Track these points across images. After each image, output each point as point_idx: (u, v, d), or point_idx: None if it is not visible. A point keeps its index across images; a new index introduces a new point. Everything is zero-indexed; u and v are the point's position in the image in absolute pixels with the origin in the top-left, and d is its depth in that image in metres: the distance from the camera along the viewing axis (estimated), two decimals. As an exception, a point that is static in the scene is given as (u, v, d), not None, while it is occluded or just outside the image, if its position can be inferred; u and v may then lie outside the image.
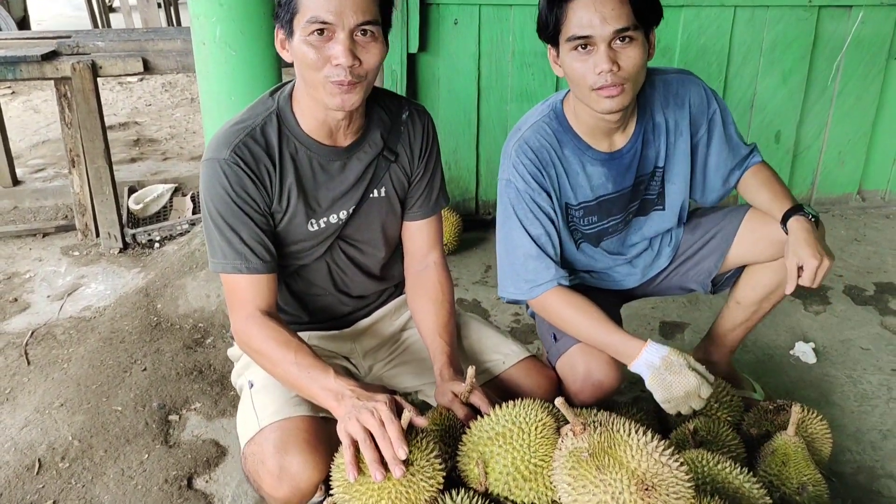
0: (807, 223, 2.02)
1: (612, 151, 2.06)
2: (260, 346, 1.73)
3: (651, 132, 2.08)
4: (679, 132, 2.10)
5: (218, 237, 1.74)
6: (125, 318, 3.20)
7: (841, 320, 3.18)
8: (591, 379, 2.05)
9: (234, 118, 1.79)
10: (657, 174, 2.15)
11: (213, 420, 2.59)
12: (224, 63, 2.99)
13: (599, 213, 2.13)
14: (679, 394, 1.87)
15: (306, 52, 1.61)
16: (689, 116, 2.09)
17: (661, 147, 2.11)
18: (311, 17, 1.58)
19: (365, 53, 1.62)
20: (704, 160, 2.18)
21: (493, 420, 1.63)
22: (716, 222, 2.29)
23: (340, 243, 1.93)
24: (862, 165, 4.28)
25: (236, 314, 1.77)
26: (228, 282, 1.77)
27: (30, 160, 5.31)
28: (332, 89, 1.63)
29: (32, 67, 3.59)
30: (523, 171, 2.01)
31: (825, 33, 3.93)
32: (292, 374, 1.67)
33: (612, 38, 1.80)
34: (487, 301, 3.36)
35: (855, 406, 2.63)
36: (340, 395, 1.60)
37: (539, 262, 2.03)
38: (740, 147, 2.19)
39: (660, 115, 2.08)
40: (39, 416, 2.61)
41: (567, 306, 2.03)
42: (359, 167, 1.84)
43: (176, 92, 7.09)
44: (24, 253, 3.90)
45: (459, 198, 4.09)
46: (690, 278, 2.36)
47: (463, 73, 3.82)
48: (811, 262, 1.94)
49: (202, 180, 1.75)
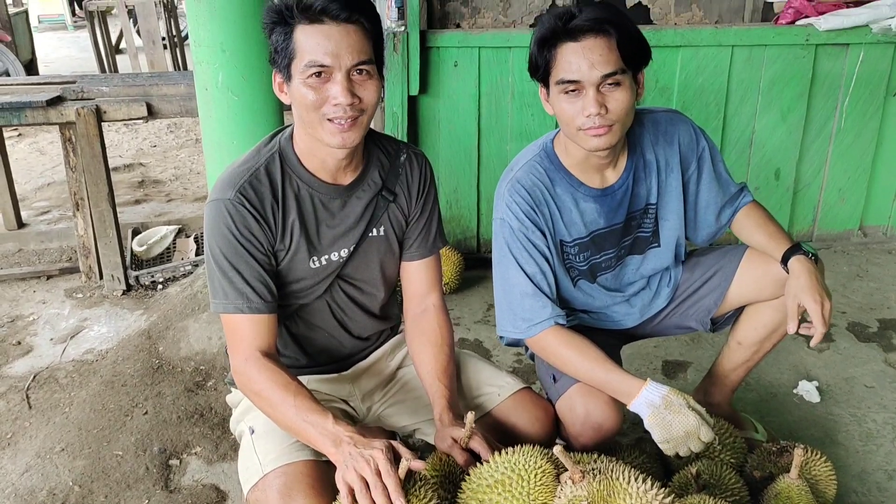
0: (808, 263, 2.03)
1: (604, 188, 2.08)
2: (259, 388, 1.73)
3: (642, 169, 2.11)
4: (670, 169, 2.13)
5: (220, 277, 1.76)
6: (127, 361, 3.20)
7: (844, 358, 3.16)
8: (590, 420, 2.03)
9: (238, 160, 1.83)
10: (650, 211, 2.17)
11: (213, 464, 2.58)
12: (226, 108, 3.03)
13: (593, 248, 2.14)
14: (679, 433, 1.85)
15: (305, 93, 1.65)
16: (679, 154, 2.12)
17: (653, 184, 2.13)
18: (308, 62, 1.63)
19: (363, 91, 1.68)
20: (695, 197, 2.20)
21: (492, 467, 1.62)
22: (715, 261, 2.30)
23: (340, 282, 1.94)
24: (863, 202, 4.29)
25: (236, 355, 1.78)
26: (229, 322, 1.78)
27: (35, 202, 5.35)
28: (332, 128, 1.68)
29: (37, 113, 3.63)
30: (517, 210, 2.03)
31: (823, 71, 3.97)
32: (290, 418, 1.68)
33: (599, 82, 1.84)
34: (489, 341, 3.35)
35: (860, 445, 2.61)
36: (338, 440, 1.60)
37: (535, 300, 2.03)
38: (730, 184, 2.21)
39: (650, 153, 2.11)
40: (40, 462, 2.60)
41: (565, 345, 2.02)
42: (359, 206, 1.88)
43: (181, 133, 7.16)
44: (28, 295, 3.91)
45: (461, 236, 4.10)
46: (690, 317, 2.36)
47: (463, 114, 3.85)
48: (812, 305, 1.95)
49: (206, 221, 1.78)
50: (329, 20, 1.63)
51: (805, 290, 1.97)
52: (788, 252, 2.07)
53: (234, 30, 2.91)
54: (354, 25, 1.65)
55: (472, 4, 4.07)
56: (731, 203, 2.22)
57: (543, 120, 3.89)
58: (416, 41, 3.60)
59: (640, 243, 2.22)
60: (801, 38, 3.86)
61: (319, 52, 1.63)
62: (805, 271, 2.00)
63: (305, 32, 1.64)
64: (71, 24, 13.87)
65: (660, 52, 3.82)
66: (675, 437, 1.85)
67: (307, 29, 1.64)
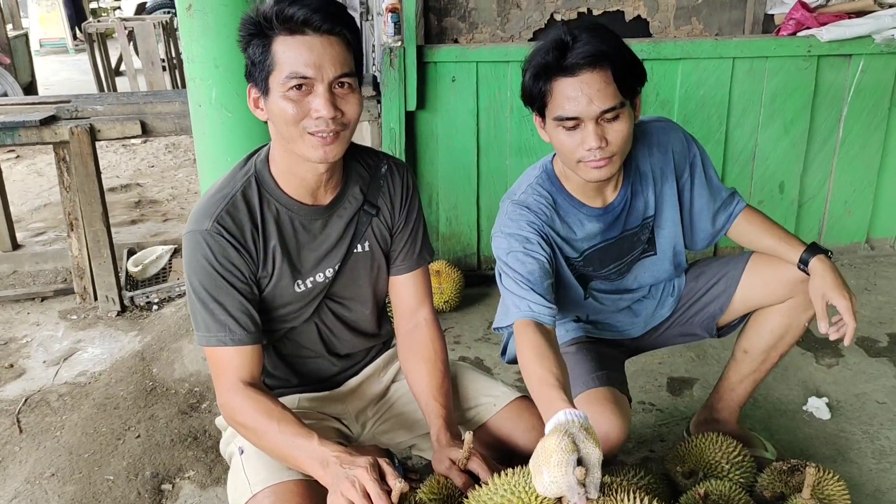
0: (830, 262, 2.04)
1: (605, 206, 2.07)
2: (244, 419, 1.70)
3: (639, 182, 2.09)
4: (665, 178, 2.11)
5: (201, 310, 1.70)
6: (120, 384, 3.13)
7: (855, 373, 3.09)
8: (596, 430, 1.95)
9: (213, 188, 1.77)
10: (648, 223, 2.14)
11: (206, 489, 2.51)
12: (220, 124, 2.98)
13: (595, 262, 2.13)
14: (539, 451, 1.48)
15: (285, 107, 1.60)
16: (673, 162, 2.11)
17: (650, 196, 2.11)
18: (289, 73, 1.58)
19: (345, 104, 1.63)
20: (690, 204, 2.17)
21: (491, 489, 1.56)
22: (719, 269, 2.28)
23: (328, 302, 1.90)
24: (869, 214, 4.23)
25: (221, 387, 1.74)
26: (212, 355, 1.74)
27: (31, 223, 5.30)
28: (314, 142, 1.63)
29: (31, 132, 3.59)
30: (519, 220, 2.00)
31: (825, 82, 3.92)
32: (277, 444, 1.64)
33: (599, 116, 1.80)
34: (490, 359, 3.29)
35: (873, 463, 2.54)
36: (325, 462, 1.58)
37: (525, 294, 1.90)
38: (720, 189, 2.19)
39: (645, 165, 2.08)
40: (30, 487, 2.54)
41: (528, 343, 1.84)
42: (340, 224, 1.83)
43: (179, 153, 7.12)
44: (21, 317, 3.85)
45: (461, 254, 4.04)
46: (695, 324, 2.33)
47: (462, 129, 3.81)
48: (843, 302, 1.97)
49: (185, 253, 1.73)
50: (311, 31, 1.58)
51: (833, 287, 1.98)
52: (806, 253, 2.06)
53: (227, 46, 2.86)
54: (336, 37, 1.61)
55: (470, 20, 4.04)
56: (725, 208, 2.19)
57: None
58: (412, 56, 3.57)
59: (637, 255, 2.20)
60: (803, 50, 3.82)
61: (300, 63, 1.57)
62: (829, 270, 2.01)
63: (286, 44, 1.58)
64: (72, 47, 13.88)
65: (660, 65, 3.78)
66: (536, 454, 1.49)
67: (287, 40, 1.58)
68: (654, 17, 4.12)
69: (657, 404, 2.90)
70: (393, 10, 3.47)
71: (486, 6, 4.02)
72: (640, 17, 4.12)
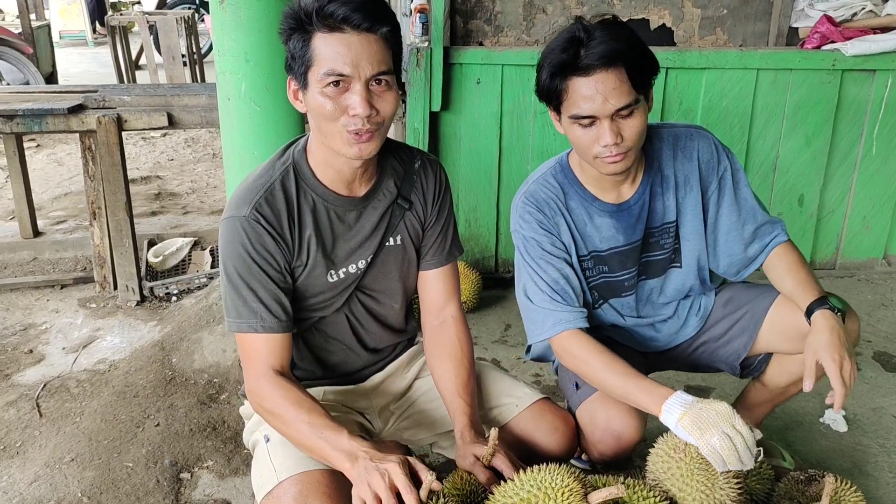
0: (833, 320, 1.88)
1: (619, 203, 2.06)
2: (272, 406, 1.71)
3: (659, 185, 2.06)
4: (689, 186, 2.07)
5: (234, 296, 1.73)
6: (140, 372, 3.16)
7: (871, 387, 3.09)
8: (610, 428, 1.99)
9: (251, 176, 1.79)
10: (669, 229, 2.11)
11: (225, 479, 2.53)
12: (248, 118, 3.01)
13: (611, 263, 2.10)
14: (709, 417, 1.66)
15: (323, 103, 1.62)
16: (699, 171, 2.06)
17: (671, 201, 2.08)
18: (327, 70, 1.59)
19: (381, 102, 1.64)
20: (715, 221, 2.10)
21: (516, 485, 1.57)
22: (747, 300, 2.20)
23: (358, 294, 1.91)
24: (887, 230, 4.22)
25: (250, 374, 1.76)
26: (243, 341, 1.76)
27: (51, 212, 5.34)
28: (350, 139, 1.64)
29: (59, 120, 3.63)
30: (529, 220, 2.03)
31: (849, 97, 3.92)
32: (305, 435, 1.65)
33: (614, 114, 1.81)
34: (507, 361, 3.30)
35: (890, 477, 2.54)
36: (354, 456, 1.58)
37: (556, 304, 1.99)
38: (757, 214, 2.09)
39: (668, 169, 2.06)
40: (49, 472, 2.56)
41: (587, 349, 1.95)
42: (374, 216, 1.84)
43: (198, 147, 7.16)
44: (41, 304, 3.88)
45: (479, 256, 4.06)
46: (720, 358, 2.28)
47: (485, 131, 3.82)
48: (830, 364, 1.80)
49: (221, 239, 1.75)
50: (350, 29, 1.59)
51: (825, 346, 1.82)
52: (814, 304, 1.93)
53: (258, 40, 2.90)
54: (375, 35, 1.61)
55: (496, 23, 4.06)
56: (761, 238, 2.09)
57: (565, 140, 3.82)
58: (439, 57, 3.59)
59: (656, 266, 2.16)
60: (828, 63, 3.82)
61: (339, 61, 1.58)
62: (827, 328, 1.86)
63: (325, 41, 1.60)
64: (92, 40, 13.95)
65: (684, 74, 3.79)
66: (706, 421, 1.66)
67: (326, 37, 1.59)
68: (678, 27, 4.13)
69: (673, 411, 2.91)
70: (421, 11, 3.49)
71: (512, 10, 4.03)
72: (665, 25, 4.13)
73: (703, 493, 1.65)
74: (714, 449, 1.63)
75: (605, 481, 1.68)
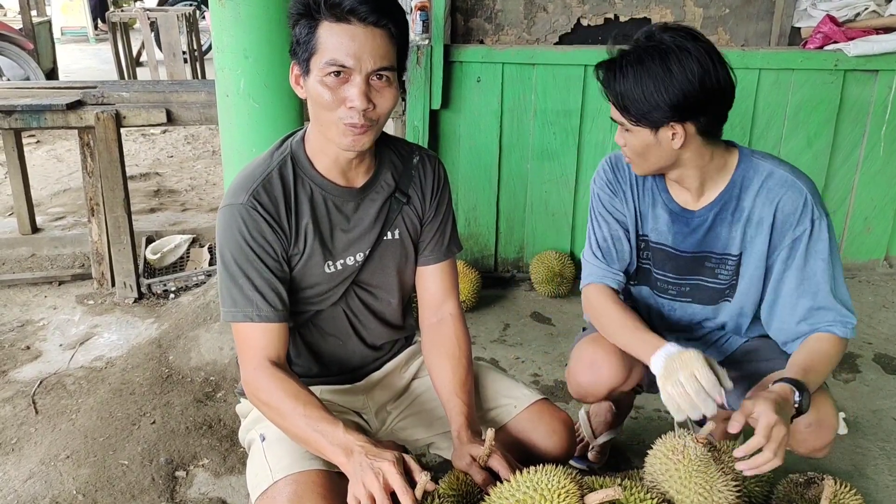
0: (786, 393, 1.75)
1: (684, 208, 2.04)
2: (269, 398, 1.70)
3: (731, 212, 1.99)
4: (760, 229, 1.97)
5: (230, 284, 1.72)
6: (136, 370, 3.14)
7: (872, 390, 3.07)
8: (591, 364, 2.09)
9: (249, 165, 1.80)
10: (730, 261, 2.03)
11: (220, 477, 2.51)
12: (247, 115, 2.99)
13: (656, 258, 2.12)
14: (674, 366, 1.77)
15: (321, 92, 1.61)
16: (773, 220, 1.94)
17: (737, 234, 2.00)
18: (329, 59, 1.59)
19: (379, 98, 1.64)
20: (779, 281, 1.98)
21: (513, 486, 1.56)
22: (765, 358, 2.10)
23: (356, 288, 1.90)
24: (889, 231, 4.20)
25: (246, 364, 1.75)
26: (239, 331, 1.75)
27: (50, 208, 5.33)
28: (345, 130, 1.64)
29: (57, 116, 3.61)
30: (603, 176, 2.12)
31: (851, 97, 3.90)
32: (301, 428, 1.64)
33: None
34: (505, 360, 3.28)
35: (890, 480, 2.52)
36: (349, 450, 1.57)
37: (597, 261, 2.13)
38: (818, 294, 1.92)
39: (748, 201, 1.97)
40: (44, 469, 2.54)
41: (605, 300, 2.07)
42: (373, 208, 1.84)
43: (198, 144, 7.15)
44: (39, 301, 3.87)
45: (478, 255, 4.04)
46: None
47: (485, 130, 3.81)
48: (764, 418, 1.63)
49: (218, 227, 1.74)
50: (356, 21, 1.58)
51: (765, 399, 1.68)
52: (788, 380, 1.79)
53: (257, 36, 2.88)
54: (381, 29, 1.61)
55: (497, 21, 4.05)
56: (814, 319, 1.93)
57: (566, 139, 3.84)
58: (439, 55, 3.57)
59: (708, 292, 2.10)
60: (830, 64, 3.81)
61: (342, 52, 1.58)
62: (778, 396, 1.72)
63: (330, 30, 1.59)
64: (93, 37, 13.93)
65: (686, 74, 3.76)
66: (671, 369, 1.78)
67: (332, 27, 1.59)
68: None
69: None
70: (422, 8, 3.48)
71: (512, 8, 4.02)
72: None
73: (700, 496, 1.63)
74: (669, 396, 1.73)
75: (602, 482, 1.67)
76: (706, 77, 1.80)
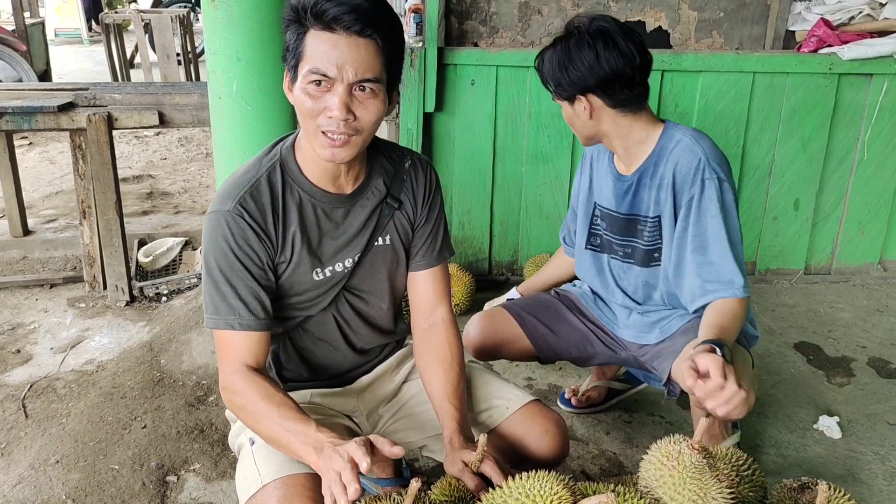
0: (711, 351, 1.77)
1: (619, 174, 2.29)
2: (244, 401, 1.70)
3: (649, 177, 2.20)
4: (667, 193, 2.16)
5: (213, 291, 1.71)
6: (128, 373, 3.12)
7: (866, 393, 3.06)
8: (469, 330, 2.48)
9: (238, 171, 1.78)
10: (649, 223, 2.22)
11: (212, 482, 2.49)
12: (239, 117, 2.98)
13: (605, 222, 2.36)
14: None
15: (304, 100, 1.60)
16: (673, 182, 2.14)
17: (653, 197, 2.19)
18: (312, 68, 1.58)
19: (361, 109, 1.61)
20: (680, 240, 2.13)
21: (505, 492, 1.54)
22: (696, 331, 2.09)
23: (346, 294, 1.89)
24: (883, 235, 4.20)
25: (224, 369, 1.75)
26: (219, 338, 1.75)
27: (42, 210, 5.30)
28: (324, 141, 1.62)
29: (48, 118, 3.59)
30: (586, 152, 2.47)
31: (845, 101, 3.90)
32: (273, 430, 1.63)
33: None
34: (497, 364, 3.26)
35: (884, 485, 2.51)
36: (320, 447, 1.55)
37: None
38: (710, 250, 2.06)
39: (663, 166, 2.17)
40: (34, 473, 2.52)
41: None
42: (363, 214, 1.82)
43: (191, 147, 7.12)
44: (30, 303, 3.84)
45: (472, 258, 4.03)
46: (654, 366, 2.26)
47: (479, 133, 3.80)
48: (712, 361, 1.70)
49: (205, 233, 1.74)
50: (340, 30, 1.56)
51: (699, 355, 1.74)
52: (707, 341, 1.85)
53: (250, 38, 2.87)
54: (366, 39, 1.57)
55: (491, 24, 4.04)
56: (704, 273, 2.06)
57: (560, 142, 3.83)
58: (433, 58, 3.56)
59: (641, 254, 2.28)
60: (824, 67, 3.81)
61: (324, 60, 1.56)
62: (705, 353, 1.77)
63: (316, 38, 1.58)
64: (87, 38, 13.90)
65: (680, 77, 3.77)
66: None
67: (318, 35, 1.57)
68: (675, 29, 4.11)
69: (667, 417, 2.89)
70: (416, 11, 3.47)
71: (507, 11, 4.01)
72: (662, 28, 4.11)
73: (695, 503, 1.62)
74: None
75: (596, 488, 1.65)
76: (596, 59, 2.07)
